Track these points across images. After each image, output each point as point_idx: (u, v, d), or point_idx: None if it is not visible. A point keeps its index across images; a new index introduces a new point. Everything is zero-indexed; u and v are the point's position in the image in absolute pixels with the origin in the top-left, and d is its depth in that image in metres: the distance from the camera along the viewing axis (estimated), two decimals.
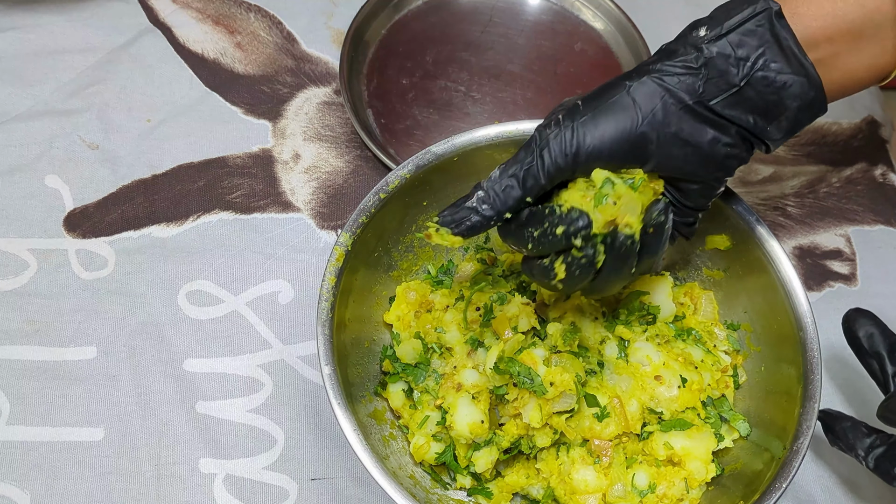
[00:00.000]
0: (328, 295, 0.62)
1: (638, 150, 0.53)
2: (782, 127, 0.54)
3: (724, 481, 0.64)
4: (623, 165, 0.54)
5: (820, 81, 0.53)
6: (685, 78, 0.53)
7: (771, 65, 0.52)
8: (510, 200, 0.53)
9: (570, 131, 0.52)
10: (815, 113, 0.55)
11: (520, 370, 0.61)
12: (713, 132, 0.54)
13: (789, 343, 0.64)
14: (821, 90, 0.53)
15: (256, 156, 0.83)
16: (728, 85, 0.53)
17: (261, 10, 0.92)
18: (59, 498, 0.66)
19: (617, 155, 0.53)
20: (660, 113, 0.53)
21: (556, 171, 0.53)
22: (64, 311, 0.73)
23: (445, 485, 0.66)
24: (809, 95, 0.53)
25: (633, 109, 0.53)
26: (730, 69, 0.52)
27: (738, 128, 0.54)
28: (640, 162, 0.54)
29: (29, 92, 0.84)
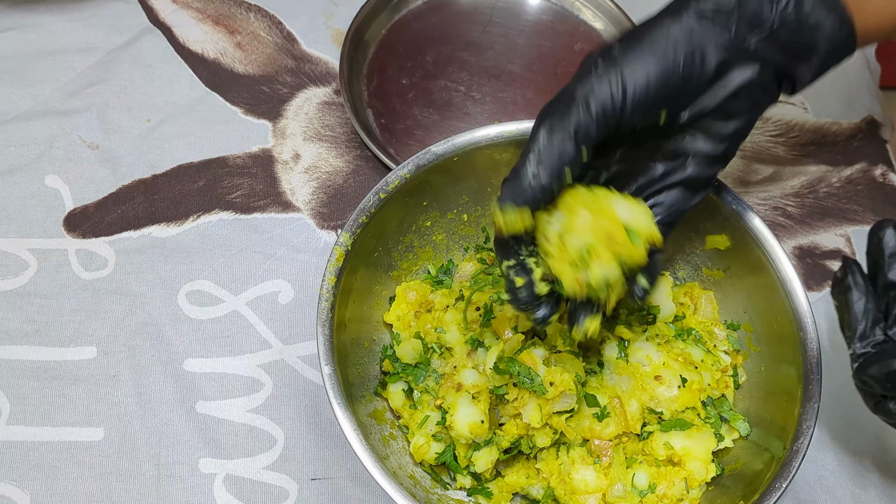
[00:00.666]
0: (328, 295, 0.62)
1: (681, 90, 0.53)
2: (812, 67, 0.55)
3: (724, 481, 0.64)
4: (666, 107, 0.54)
5: (851, 21, 0.53)
6: (719, 17, 0.53)
7: (804, 4, 0.53)
8: (566, 157, 0.52)
9: (615, 78, 0.52)
10: (843, 54, 0.55)
11: (520, 370, 0.61)
12: (749, 70, 0.54)
13: (789, 343, 0.64)
14: (852, 32, 0.54)
15: (256, 156, 0.83)
16: (760, 24, 0.53)
17: (261, 10, 0.92)
18: (59, 498, 0.66)
19: (661, 98, 0.53)
20: (698, 53, 0.53)
21: (605, 121, 0.52)
22: (64, 311, 0.73)
23: (445, 485, 0.66)
24: (840, 35, 0.54)
25: (673, 51, 0.53)
26: (763, 9, 0.53)
27: (770, 65, 0.54)
28: (678, 105, 0.54)
29: (29, 92, 0.84)
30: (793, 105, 0.91)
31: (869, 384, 0.55)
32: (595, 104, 0.52)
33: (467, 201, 0.72)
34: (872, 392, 0.56)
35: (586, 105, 0.52)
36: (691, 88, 0.54)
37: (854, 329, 0.56)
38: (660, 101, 0.53)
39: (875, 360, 0.54)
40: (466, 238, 0.74)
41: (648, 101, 0.53)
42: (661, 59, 0.53)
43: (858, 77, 0.93)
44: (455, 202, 0.72)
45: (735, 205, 0.66)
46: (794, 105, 0.91)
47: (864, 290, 0.56)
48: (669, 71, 0.53)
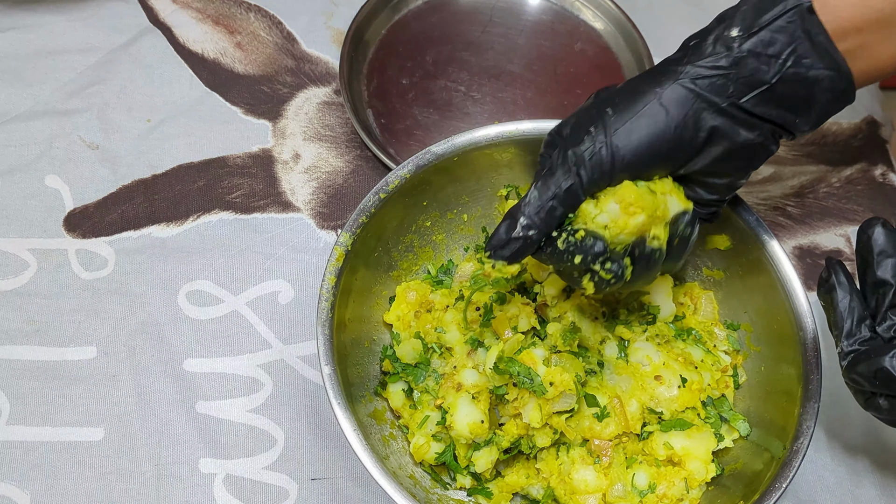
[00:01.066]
0: (328, 295, 0.62)
1: (671, 156, 0.54)
2: (811, 119, 0.55)
3: (724, 481, 0.64)
4: (656, 172, 0.55)
5: (850, 74, 0.53)
6: (715, 79, 0.53)
7: (802, 61, 0.52)
8: (554, 221, 0.54)
9: (605, 147, 0.53)
10: (843, 104, 0.55)
11: (520, 370, 0.61)
12: (744, 131, 0.54)
13: (789, 343, 0.64)
14: (850, 82, 0.54)
15: (256, 156, 0.83)
16: (759, 83, 0.53)
17: (261, 10, 0.92)
18: (59, 498, 0.66)
19: (651, 164, 0.54)
20: (691, 119, 0.53)
21: (593, 186, 0.54)
22: (64, 311, 0.73)
23: (445, 485, 0.66)
24: (840, 88, 0.54)
25: (664, 117, 0.53)
26: (761, 67, 0.52)
27: (769, 123, 0.55)
28: (672, 167, 0.55)
29: (29, 92, 0.84)
30: None
31: (858, 382, 0.55)
32: (585, 173, 0.53)
33: (467, 201, 0.72)
34: (862, 389, 0.56)
35: (577, 174, 0.53)
36: (683, 152, 0.54)
37: (840, 327, 0.56)
38: (650, 164, 0.54)
39: (863, 358, 0.54)
40: (466, 238, 0.74)
41: (636, 166, 0.54)
42: (651, 125, 0.53)
43: None
44: (455, 202, 0.72)
45: (735, 205, 0.66)
46: None
47: (847, 289, 0.57)
48: (660, 137, 0.53)
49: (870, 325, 0.56)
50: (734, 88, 0.53)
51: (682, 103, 0.53)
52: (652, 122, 0.53)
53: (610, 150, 0.53)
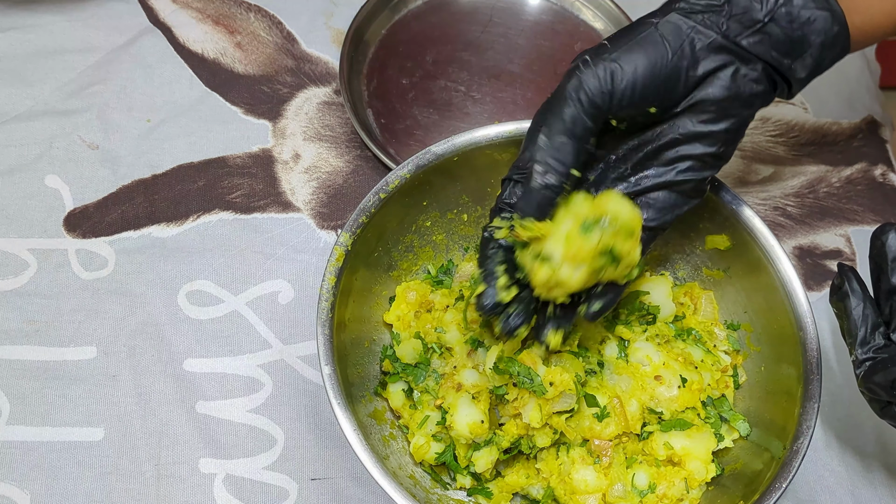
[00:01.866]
0: (328, 295, 0.62)
1: (670, 85, 0.54)
2: (806, 64, 0.55)
3: (724, 481, 0.64)
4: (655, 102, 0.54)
5: (843, 15, 0.53)
6: (709, 15, 0.53)
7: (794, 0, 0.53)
8: (569, 157, 0.53)
9: (603, 68, 0.53)
10: (838, 52, 0.55)
11: (519, 370, 0.61)
12: (741, 65, 0.54)
13: (789, 343, 0.64)
14: (844, 25, 0.54)
15: (256, 156, 0.83)
16: (752, 21, 0.53)
17: (261, 10, 0.92)
18: (59, 498, 0.66)
19: (650, 91, 0.53)
20: (687, 48, 0.53)
21: (596, 112, 0.53)
22: (64, 311, 0.73)
23: (445, 485, 0.66)
24: (833, 30, 0.53)
25: (662, 45, 0.53)
26: (753, 4, 0.53)
27: (763, 63, 0.54)
28: (669, 100, 0.54)
29: (29, 92, 0.84)
30: (793, 105, 0.91)
31: (875, 391, 0.55)
32: (585, 96, 0.53)
33: (467, 201, 0.72)
34: (879, 398, 0.56)
35: (578, 99, 0.53)
36: (681, 83, 0.54)
37: (854, 335, 0.56)
38: (649, 93, 0.54)
39: (880, 367, 0.54)
40: (466, 238, 0.74)
41: (637, 92, 0.53)
42: (650, 51, 0.53)
43: (858, 77, 0.93)
44: (455, 202, 0.72)
45: (735, 205, 0.66)
46: (794, 105, 0.91)
47: (861, 297, 0.56)
48: (658, 63, 0.53)
49: (884, 333, 0.55)
50: (727, 26, 0.53)
51: (678, 33, 0.53)
52: (650, 48, 0.53)
53: (608, 70, 0.53)
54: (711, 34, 0.53)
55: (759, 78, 0.55)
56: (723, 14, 0.53)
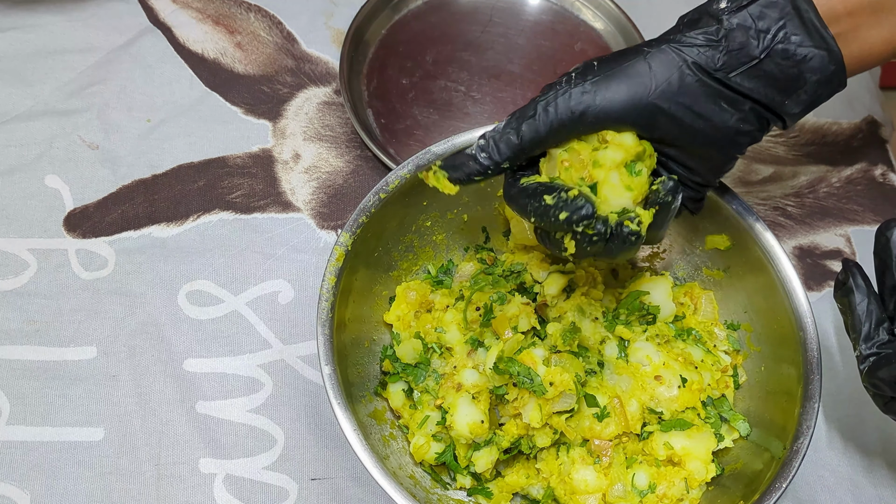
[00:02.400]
0: (328, 295, 0.62)
1: (647, 117, 0.53)
2: (801, 101, 0.54)
3: (724, 481, 0.64)
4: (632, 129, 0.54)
5: (840, 55, 0.53)
6: (704, 49, 0.52)
7: (791, 37, 0.52)
8: (508, 150, 0.54)
9: (580, 90, 0.53)
10: (833, 88, 0.55)
11: (519, 370, 0.61)
12: (727, 107, 0.53)
13: (789, 343, 0.64)
14: (841, 64, 0.53)
15: (256, 156, 0.83)
16: (748, 57, 0.52)
17: (261, 10, 0.92)
18: (59, 498, 0.66)
19: (625, 119, 0.53)
20: (675, 83, 0.53)
21: (559, 126, 0.53)
22: (64, 311, 0.73)
23: (445, 485, 0.66)
24: (829, 69, 0.53)
25: (647, 76, 0.53)
26: (750, 41, 0.52)
27: (753, 103, 0.54)
28: (646, 130, 0.54)
29: (29, 92, 0.84)
30: None
31: (879, 386, 0.55)
32: (552, 112, 0.53)
33: (467, 201, 0.72)
34: (882, 394, 0.56)
35: (545, 111, 0.53)
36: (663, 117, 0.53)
37: (858, 331, 0.56)
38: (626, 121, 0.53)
39: (884, 363, 0.54)
40: (466, 238, 0.74)
41: (611, 118, 0.53)
42: (633, 80, 0.53)
43: (858, 77, 0.93)
44: (455, 202, 0.72)
45: (735, 205, 0.66)
46: None
47: (865, 292, 0.56)
48: (639, 94, 0.53)
49: (888, 328, 0.55)
50: (723, 61, 0.52)
51: (668, 66, 0.53)
52: (634, 76, 0.53)
53: (584, 93, 0.53)
54: (702, 71, 0.53)
55: (747, 118, 0.54)
56: (719, 49, 0.52)
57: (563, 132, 0.54)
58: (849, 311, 0.56)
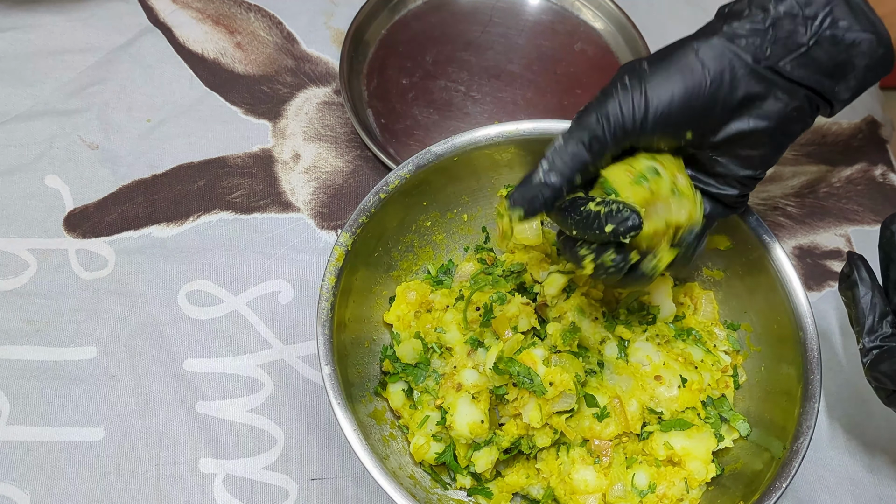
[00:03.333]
0: (328, 295, 0.62)
1: (705, 113, 0.53)
2: (850, 86, 0.54)
3: (724, 481, 0.64)
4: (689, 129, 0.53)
5: (889, 37, 0.52)
6: (752, 39, 0.52)
7: (839, 23, 0.51)
8: (577, 165, 0.53)
9: (639, 93, 0.52)
10: (882, 71, 0.54)
11: (519, 370, 0.61)
12: (782, 96, 0.53)
13: (789, 343, 0.64)
14: (890, 47, 0.52)
15: (256, 156, 0.83)
16: (796, 45, 0.52)
17: (261, 10, 0.92)
18: (59, 498, 0.66)
19: (685, 118, 0.53)
20: (727, 76, 0.52)
21: (623, 135, 0.52)
22: (64, 311, 0.73)
23: (445, 485, 0.66)
24: (878, 53, 0.52)
25: (701, 72, 0.52)
26: (797, 29, 0.52)
27: (806, 90, 0.53)
28: (705, 127, 0.54)
29: (29, 92, 0.84)
30: None
31: (881, 379, 0.55)
32: (614, 119, 0.52)
33: (467, 201, 0.72)
34: (884, 387, 0.56)
35: (606, 118, 0.52)
36: (718, 111, 0.53)
37: (862, 324, 0.56)
38: (683, 121, 0.53)
39: (887, 356, 0.54)
40: (466, 238, 0.74)
41: (671, 120, 0.52)
42: (688, 78, 0.52)
43: None
44: (455, 202, 0.72)
45: None
46: None
47: (869, 285, 0.56)
48: (696, 91, 0.52)
49: (892, 322, 0.55)
50: (771, 51, 0.52)
51: (719, 59, 0.52)
52: (688, 74, 0.52)
53: (644, 97, 0.52)
54: (753, 62, 0.52)
55: (800, 106, 0.54)
56: (767, 38, 0.52)
57: (625, 139, 0.53)
58: (852, 303, 0.57)
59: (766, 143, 0.55)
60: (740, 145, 0.55)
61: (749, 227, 0.65)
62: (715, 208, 0.59)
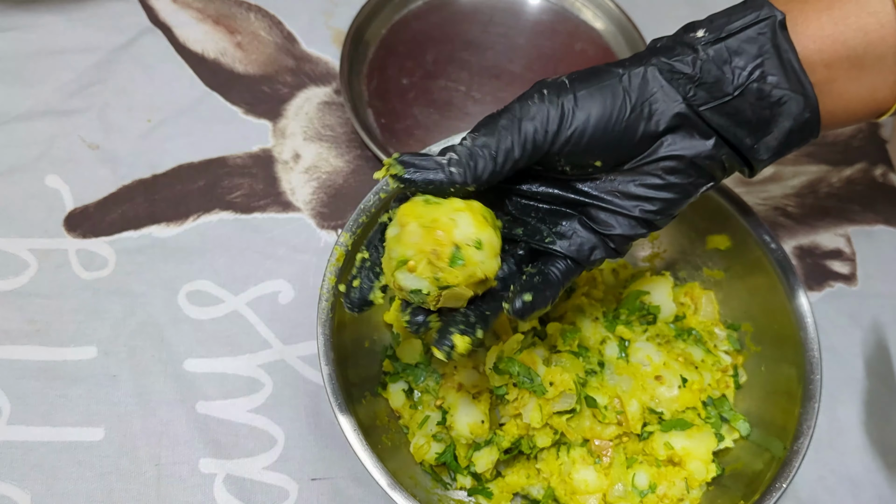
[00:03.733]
0: (328, 295, 0.62)
1: (627, 141, 0.50)
2: (770, 147, 0.52)
3: (725, 481, 0.64)
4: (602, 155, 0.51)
5: (817, 103, 0.50)
6: (679, 78, 0.50)
7: (768, 77, 0.49)
8: (483, 174, 0.49)
9: (556, 108, 0.49)
10: (806, 137, 0.52)
11: (519, 370, 0.61)
12: (699, 139, 0.51)
13: (789, 343, 0.64)
14: (816, 112, 0.50)
15: (256, 156, 0.83)
16: (720, 93, 0.50)
17: (261, 9, 0.92)
18: (59, 498, 0.66)
19: (599, 142, 0.50)
20: (648, 109, 0.50)
21: (533, 149, 0.49)
22: (64, 311, 0.73)
23: (446, 485, 0.66)
24: (804, 116, 0.50)
25: (623, 98, 0.50)
26: (724, 76, 0.50)
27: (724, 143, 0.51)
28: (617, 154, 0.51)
29: (29, 92, 0.84)
30: None
31: None
32: (529, 128, 0.49)
33: None
34: None
35: (518, 128, 0.49)
36: (631, 144, 0.51)
37: None
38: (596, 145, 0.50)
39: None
40: None
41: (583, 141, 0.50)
42: (608, 103, 0.50)
43: None
44: None
45: (735, 205, 0.66)
46: None
47: None
48: (614, 117, 0.50)
49: None
50: (695, 93, 0.50)
51: (644, 90, 0.50)
52: (610, 98, 0.50)
53: (560, 112, 0.49)
54: (677, 99, 0.50)
55: (713, 153, 0.51)
56: (693, 80, 0.50)
57: (535, 153, 0.50)
58: None
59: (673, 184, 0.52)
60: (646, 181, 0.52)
61: (749, 227, 0.65)
62: (563, 267, 0.54)
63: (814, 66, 0.50)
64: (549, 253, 0.54)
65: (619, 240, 0.54)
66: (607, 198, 0.53)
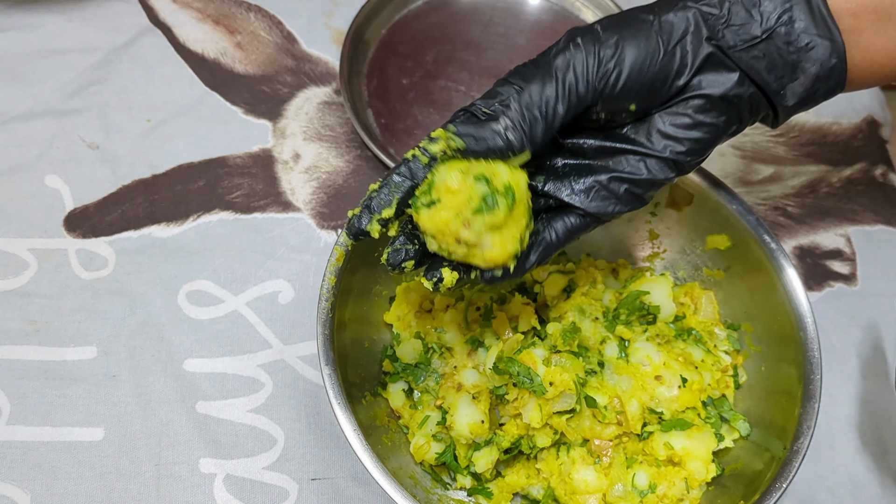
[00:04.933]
0: (328, 295, 0.62)
1: (660, 83, 0.51)
2: (797, 92, 0.52)
3: (725, 481, 0.64)
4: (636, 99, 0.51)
5: (843, 49, 0.51)
6: (707, 20, 0.51)
7: (796, 22, 0.50)
8: (538, 136, 0.49)
9: (594, 56, 0.50)
10: (831, 86, 0.53)
11: (519, 370, 0.61)
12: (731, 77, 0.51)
13: (789, 343, 0.64)
14: (843, 60, 0.51)
15: (256, 156, 0.83)
16: (748, 35, 0.51)
17: (261, 9, 0.92)
18: (59, 498, 0.66)
19: (634, 85, 0.51)
20: (680, 51, 0.51)
21: (577, 101, 0.50)
22: (64, 311, 0.73)
23: (446, 485, 0.66)
24: (830, 62, 0.51)
25: (656, 41, 0.50)
26: (752, 19, 0.50)
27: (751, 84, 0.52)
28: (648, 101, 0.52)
29: (29, 92, 0.84)
30: None
31: None
32: (573, 79, 0.50)
33: None
34: None
35: (563, 80, 0.50)
36: (666, 86, 0.51)
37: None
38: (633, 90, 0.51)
39: None
40: None
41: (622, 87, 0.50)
42: (642, 46, 0.50)
43: None
44: None
45: (735, 205, 0.66)
46: None
47: None
48: (649, 60, 0.50)
49: None
50: (724, 35, 0.51)
51: (676, 33, 0.51)
52: (644, 41, 0.50)
53: (597, 60, 0.49)
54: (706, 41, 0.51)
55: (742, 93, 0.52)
56: (721, 22, 0.51)
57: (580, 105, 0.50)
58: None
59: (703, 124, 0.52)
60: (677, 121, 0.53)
61: (749, 227, 0.65)
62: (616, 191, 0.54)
63: (840, 13, 0.51)
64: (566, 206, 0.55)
65: (645, 184, 0.54)
66: (639, 140, 0.53)
